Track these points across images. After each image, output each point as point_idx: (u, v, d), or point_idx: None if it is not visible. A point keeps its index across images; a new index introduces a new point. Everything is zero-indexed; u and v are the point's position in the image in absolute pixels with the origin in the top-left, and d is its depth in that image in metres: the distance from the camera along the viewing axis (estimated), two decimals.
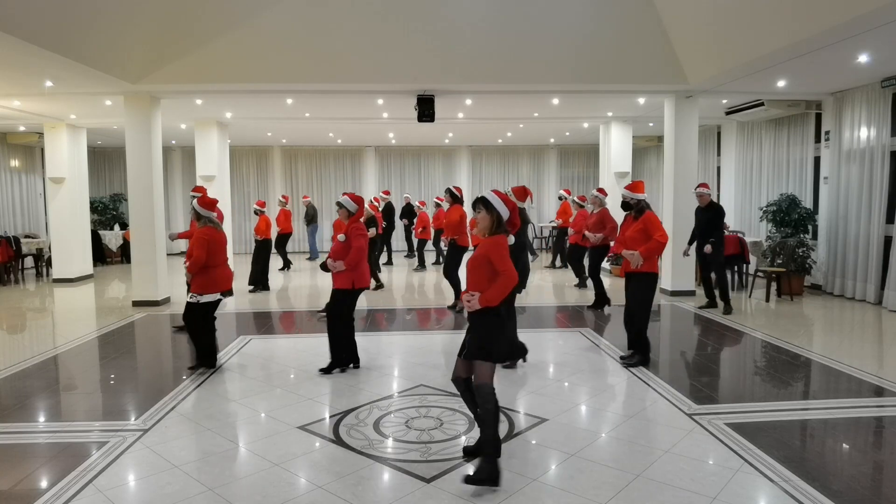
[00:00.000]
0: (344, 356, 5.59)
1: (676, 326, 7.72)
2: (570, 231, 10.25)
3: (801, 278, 9.37)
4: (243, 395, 4.98)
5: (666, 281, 9.58)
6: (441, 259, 13.09)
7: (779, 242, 9.48)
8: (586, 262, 9.59)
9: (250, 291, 10.12)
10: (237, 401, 4.85)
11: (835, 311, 8.32)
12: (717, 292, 8.38)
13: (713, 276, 8.42)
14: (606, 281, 9.12)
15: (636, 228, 5.56)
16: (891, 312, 8.02)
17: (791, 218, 9.68)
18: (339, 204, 5.66)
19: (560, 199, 13.29)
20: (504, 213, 3.52)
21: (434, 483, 3.41)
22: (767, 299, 8.95)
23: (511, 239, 3.61)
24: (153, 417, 4.47)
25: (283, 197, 13.11)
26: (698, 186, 8.30)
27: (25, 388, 5.26)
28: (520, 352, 5.56)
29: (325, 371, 5.51)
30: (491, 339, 3.45)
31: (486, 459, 3.36)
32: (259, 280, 10.31)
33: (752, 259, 10.28)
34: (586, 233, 8.65)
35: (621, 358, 5.88)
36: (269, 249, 10.44)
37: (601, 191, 8.95)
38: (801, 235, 9.55)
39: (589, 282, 10.48)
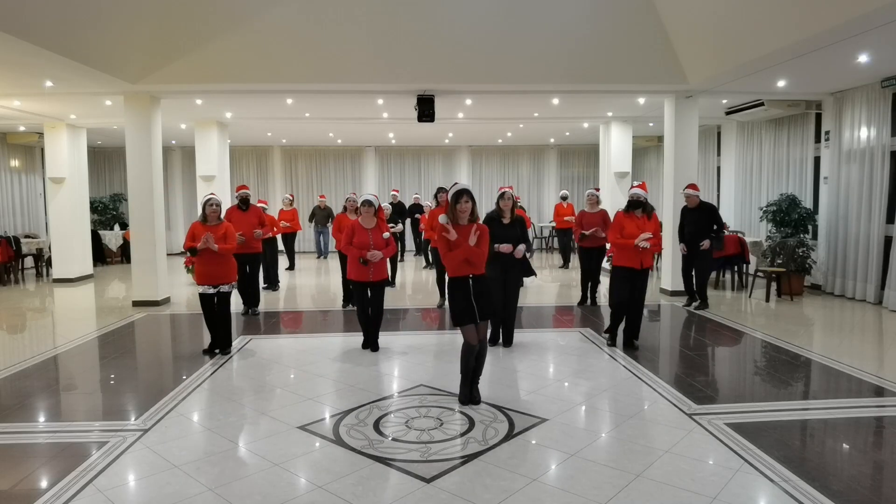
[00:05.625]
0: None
1: (676, 326, 7.72)
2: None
3: (801, 278, 9.37)
4: (243, 395, 4.98)
5: (666, 281, 9.65)
6: (428, 262, 13.06)
7: (779, 242, 9.48)
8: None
9: (264, 289, 10.21)
10: (237, 401, 4.85)
11: (835, 311, 8.32)
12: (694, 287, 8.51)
13: (694, 272, 8.48)
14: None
15: (652, 228, 6.01)
16: (891, 312, 8.02)
17: (791, 218, 9.68)
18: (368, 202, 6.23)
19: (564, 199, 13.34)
20: None
21: (434, 483, 3.41)
22: (767, 299, 8.95)
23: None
24: (153, 417, 4.47)
25: (290, 196, 13.11)
26: (686, 188, 8.32)
27: (25, 388, 5.26)
28: None
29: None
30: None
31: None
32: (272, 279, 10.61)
33: (752, 259, 10.28)
34: (585, 232, 8.64)
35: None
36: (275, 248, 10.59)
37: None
38: (801, 235, 9.54)
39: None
